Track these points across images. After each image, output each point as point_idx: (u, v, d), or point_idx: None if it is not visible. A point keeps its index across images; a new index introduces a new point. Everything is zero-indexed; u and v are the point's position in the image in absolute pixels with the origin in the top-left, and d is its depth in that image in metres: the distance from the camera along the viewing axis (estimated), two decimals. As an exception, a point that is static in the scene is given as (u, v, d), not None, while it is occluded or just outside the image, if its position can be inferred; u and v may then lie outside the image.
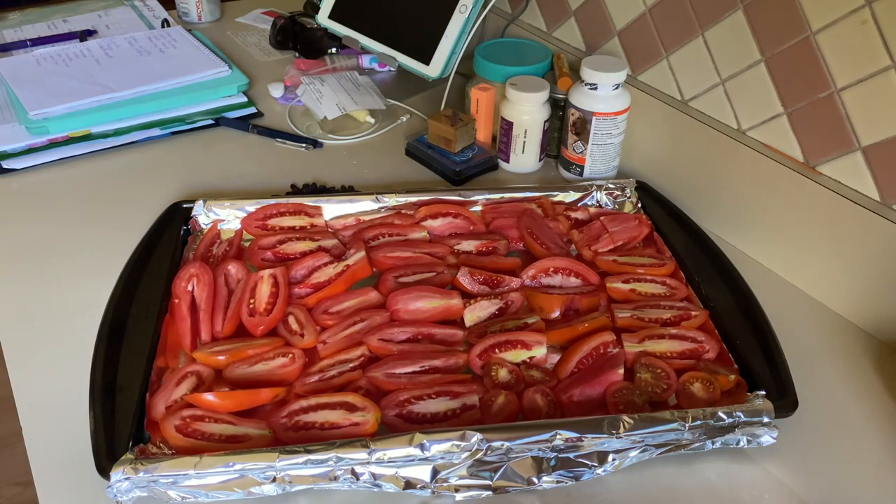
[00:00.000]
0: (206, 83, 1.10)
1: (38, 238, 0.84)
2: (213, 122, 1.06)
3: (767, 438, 0.61)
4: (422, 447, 0.56)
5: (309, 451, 0.55)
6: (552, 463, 0.58)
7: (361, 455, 0.55)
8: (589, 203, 0.89)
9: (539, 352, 0.68)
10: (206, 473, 0.54)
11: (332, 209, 0.85)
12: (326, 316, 0.72)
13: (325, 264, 0.77)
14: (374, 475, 0.56)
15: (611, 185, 0.89)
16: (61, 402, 0.65)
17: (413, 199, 0.86)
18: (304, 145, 1.02)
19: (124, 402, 0.62)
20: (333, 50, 1.20)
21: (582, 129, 0.92)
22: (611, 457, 0.59)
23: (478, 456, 0.57)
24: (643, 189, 0.89)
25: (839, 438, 0.65)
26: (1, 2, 1.78)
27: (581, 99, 0.90)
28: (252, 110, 1.09)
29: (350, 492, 0.58)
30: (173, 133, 1.04)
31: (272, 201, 0.84)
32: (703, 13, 0.84)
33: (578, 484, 0.59)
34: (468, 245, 0.81)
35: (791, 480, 0.61)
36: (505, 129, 0.96)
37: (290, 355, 0.68)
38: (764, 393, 0.62)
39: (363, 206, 0.85)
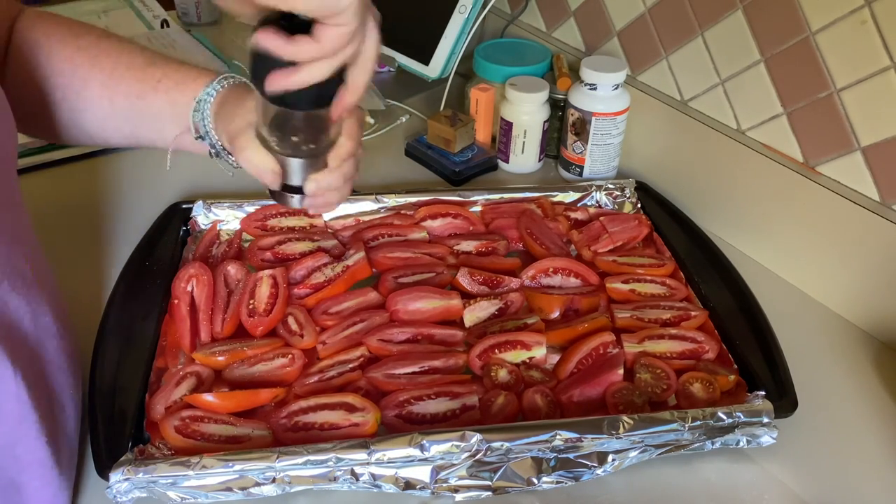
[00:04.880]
0: (205, 83, 1.10)
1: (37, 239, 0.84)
2: (212, 122, 1.06)
3: (767, 438, 0.61)
4: (421, 448, 0.56)
5: (308, 452, 0.55)
6: (552, 463, 0.58)
7: (361, 456, 0.55)
8: (588, 203, 0.89)
9: (539, 352, 0.68)
10: (205, 474, 0.54)
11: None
12: (326, 316, 0.72)
13: (325, 265, 0.77)
14: (373, 476, 0.56)
15: (610, 186, 0.89)
16: (61, 403, 0.65)
17: (413, 199, 0.86)
18: (303, 146, 1.02)
19: (124, 402, 0.62)
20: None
21: (581, 129, 0.92)
22: (610, 457, 0.59)
23: (477, 456, 0.57)
24: (643, 189, 0.89)
25: (839, 438, 0.65)
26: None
27: (580, 99, 0.90)
28: (251, 111, 1.09)
29: (350, 492, 0.58)
30: (173, 133, 1.04)
31: (272, 202, 0.84)
32: (702, 13, 0.84)
33: (578, 484, 0.59)
34: (468, 245, 0.81)
35: (791, 480, 0.61)
36: (504, 130, 0.96)
37: (290, 356, 0.68)
38: (763, 393, 0.62)
39: (363, 206, 0.85)
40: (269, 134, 0.55)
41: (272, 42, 0.47)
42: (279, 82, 0.49)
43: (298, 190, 0.58)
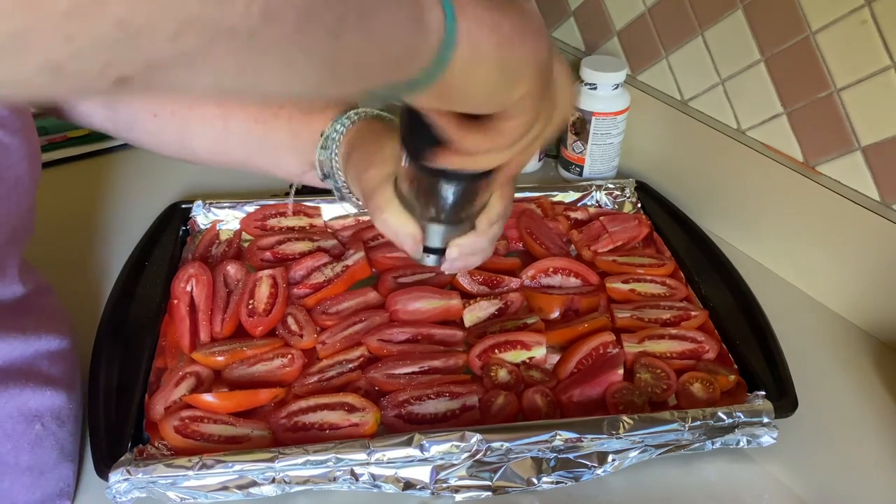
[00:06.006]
0: (205, 83, 1.10)
1: (36, 239, 0.84)
2: (212, 122, 1.06)
3: (767, 438, 0.61)
4: (421, 448, 0.56)
5: (308, 452, 0.55)
6: (552, 463, 0.58)
7: (361, 456, 0.55)
8: (588, 203, 0.89)
9: (538, 352, 0.68)
10: (205, 474, 0.54)
11: (331, 209, 0.85)
12: (326, 316, 0.72)
13: (325, 265, 0.77)
14: (373, 476, 0.56)
15: (610, 185, 0.89)
16: (60, 403, 0.65)
17: (412, 199, 0.86)
18: (303, 145, 1.02)
19: (124, 402, 0.62)
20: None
21: (581, 128, 0.91)
22: (610, 457, 0.59)
23: (477, 456, 0.57)
24: (643, 189, 0.89)
25: (839, 438, 0.65)
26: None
27: (581, 99, 0.90)
28: (251, 110, 1.09)
29: (349, 492, 0.58)
30: (172, 133, 1.04)
31: (271, 202, 0.84)
32: (702, 13, 0.84)
33: (578, 484, 0.59)
34: (468, 245, 0.81)
35: (791, 480, 0.61)
36: (504, 130, 0.95)
37: (290, 356, 0.67)
38: (764, 393, 0.62)
39: (362, 206, 0.85)
40: (413, 197, 0.48)
41: (448, 127, 0.40)
42: (447, 163, 0.43)
43: (438, 251, 0.52)
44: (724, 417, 0.59)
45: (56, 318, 0.61)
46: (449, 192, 0.46)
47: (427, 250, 0.52)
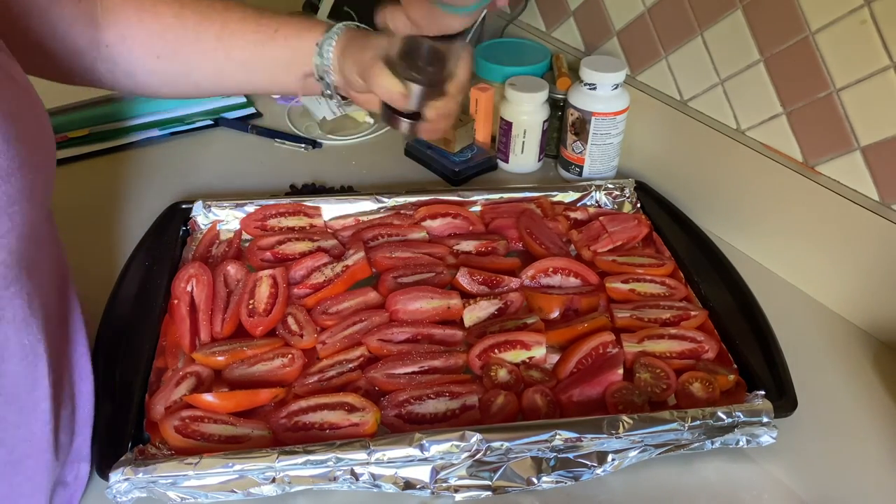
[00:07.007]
0: (205, 83, 1.10)
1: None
2: (211, 122, 1.06)
3: (767, 438, 0.61)
4: (421, 447, 0.56)
5: (308, 452, 0.55)
6: (552, 463, 0.58)
7: (361, 455, 0.55)
8: (588, 203, 0.89)
9: (538, 352, 0.68)
10: (205, 474, 0.54)
11: (332, 209, 0.85)
12: (326, 316, 0.72)
13: (325, 265, 0.77)
14: (373, 475, 0.56)
15: (610, 185, 0.89)
16: (60, 403, 0.65)
17: (412, 199, 0.86)
18: (303, 146, 1.02)
19: (124, 402, 0.62)
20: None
21: (581, 129, 0.92)
22: (610, 457, 0.59)
23: (477, 456, 0.57)
24: (642, 189, 0.89)
25: (838, 438, 0.65)
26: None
27: (580, 99, 0.90)
28: (251, 111, 1.09)
29: (349, 492, 0.58)
30: (172, 134, 1.04)
31: (271, 202, 0.84)
32: (702, 13, 0.84)
33: (578, 484, 0.59)
34: (467, 245, 0.81)
35: (790, 480, 0.61)
36: (504, 130, 0.96)
37: (290, 356, 0.68)
38: (763, 393, 0.62)
39: (362, 206, 0.85)
40: (399, 62, 0.63)
41: None
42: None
43: (415, 116, 0.66)
44: (724, 417, 0.59)
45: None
46: (425, 51, 0.62)
47: (405, 115, 0.66)
